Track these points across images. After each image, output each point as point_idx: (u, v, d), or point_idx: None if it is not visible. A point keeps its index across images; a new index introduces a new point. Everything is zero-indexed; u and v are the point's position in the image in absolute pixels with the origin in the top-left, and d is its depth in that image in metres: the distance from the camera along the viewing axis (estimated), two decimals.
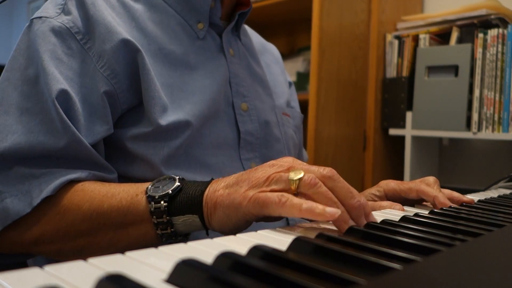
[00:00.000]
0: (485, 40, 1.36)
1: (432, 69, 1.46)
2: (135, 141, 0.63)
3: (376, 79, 1.57)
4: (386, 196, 0.70)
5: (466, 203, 0.64)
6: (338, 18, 1.55)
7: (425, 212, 0.56)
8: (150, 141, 0.63)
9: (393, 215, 0.54)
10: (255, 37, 0.94)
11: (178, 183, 0.52)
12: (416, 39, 1.52)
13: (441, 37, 1.52)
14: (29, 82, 0.60)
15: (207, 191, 0.50)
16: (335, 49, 1.55)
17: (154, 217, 0.51)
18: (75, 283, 0.27)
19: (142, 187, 0.54)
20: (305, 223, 0.50)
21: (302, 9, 1.67)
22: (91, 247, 0.56)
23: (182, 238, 0.53)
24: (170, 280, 0.28)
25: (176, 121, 0.64)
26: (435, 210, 0.56)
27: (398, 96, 1.54)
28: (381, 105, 1.59)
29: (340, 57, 1.56)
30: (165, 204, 0.51)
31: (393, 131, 1.55)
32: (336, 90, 1.55)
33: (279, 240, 0.40)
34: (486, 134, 1.35)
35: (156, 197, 0.51)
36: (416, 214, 0.52)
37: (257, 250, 0.33)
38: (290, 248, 0.36)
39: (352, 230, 0.43)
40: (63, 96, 0.59)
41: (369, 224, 0.46)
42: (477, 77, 1.37)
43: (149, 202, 0.52)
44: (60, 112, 0.58)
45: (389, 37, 1.58)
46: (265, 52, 0.95)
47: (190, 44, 0.72)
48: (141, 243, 0.55)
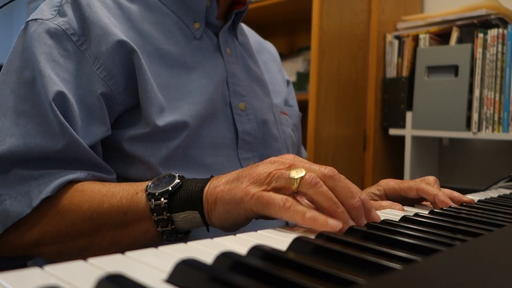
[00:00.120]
0: (485, 40, 1.36)
1: (432, 69, 1.46)
2: (132, 142, 0.63)
3: (376, 79, 1.57)
4: (386, 195, 0.69)
5: (466, 203, 0.64)
6: (338, 18, 1.55)
7: (425, 212, 0.56)
8: (148, 142, 0.63)
9: (393, 215, 0.54)
10: (252, 36, 0.94)
11: (178, 180, 0.52)
12: (416, 39, 1.52)
13: (441, 37, 1.52)
14: (26, 84, 0.60)
15: (207, 187, 0.50)
16: (335, 49, 1.55)
17: (155, 214, 0.51)
18: (75, 283, 0.27)
19: (142, 185, 0.54)
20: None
21: (302, 9, 1.67)
22: (92, 247, 0.56)
23: (183, 235, 0.53)
24: (170, 280, 0.28)
25: (174, 121, 0.64)
26: (435, 210, 0.56)
27: (398, 96, 1.54)
28: (381, 105, 1.59)
29: (340, 57, 1.56)
30: (165, 201, 0.51)
31: (393, 131, 1.55)
32: (336, 90, 1.56)
33: (279, 240, 0.40)
34: (486, 134, 1.35)
35: (156, 194, 0.51)
36: (416, 214, 0.52)
37: (257, 250, 0.33)
38: (290, 248, 0.36)
39: (352, 230, 0.43)
40: (60, 98, 0.59)
41: (369, 224, 0.46)
42: (477, 77, 1.37)
43: (149, 200, 0.52)
44: (58, 114, 0.57)
45: (389, 37, 1.58)
46: (263, 50, 0.95)
47: (186, 44, 0.72)
48: (142, 242, 0.54)
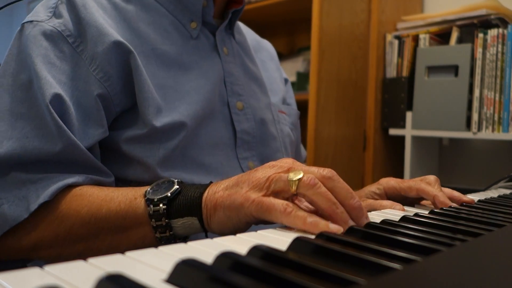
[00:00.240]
0: (485, 40, 1.36)
1: (432, 69, 1.46)
2: (130, 143, 0.63)
3: (376, 79, 1.57)
4: (386, 194, 0.69)
5: (466, 203, 0.64)
6: (338, 18, 1.55)
7: (425, 212, 0.56)
8: (146, 143, 0.63)
9: (393, 215, 0.54)
10: (250, 34, 0.93)
11: (177, 186, 0.52)
12: (416, 39, 1.52)
13: (441, 37, 1.52)
14: (22, 87, 0.60)
15: (206, 193, 0.50)
16: (335, 49, 1.55)
17: (153, 220, 0.51)
18: (75, 283, 0.27)
19: (141, 190, 0.54)
20: None
21: (302, 9, 1.67)
22: (90, 252, 0.55)
23: (181, 241, 0.53)
24: (170, 280, 0.28)
25: (171, 122, 0.64)
26: (435, 210, 0.56)
27: (398, 96, 1.54)
28: (381, 105, 1.59)
29: (340, 57, 1.56)
30: (164, 207, 0.50)
31: (393, 131, 1.55)
32: (336, 90, 1.55)
33: (279, 240, 0.40)
34: (486, 134, 1.35)
35: (155, 200, 0.51)
36: (416, 214, 0.52)
37: (257, 250, 0.33)
38: (290, 248, 0.36)
39: (352, 230, 0.43)
40: (57, 100, 0.58)
41: (369, 224, 0.46)
42: (477, 77, 1.37)
43: (148, 205, 0.51)
44: (55, 117, 0.57)
45: (389, 37, 1.58)
46: (260, 49, 0.95)
47: (183, 43, 0.71)
48: (140, 247, 0.54)
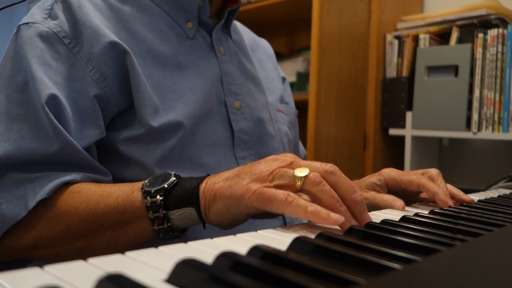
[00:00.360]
0: (485, 40, 1.36)
1: (432, 69, 1.46)
2: (127, 143, 0.63)
3: (376, 79, 1.57)
4: (387, 186, 0.70)
5: (466, 203, 0.64)
6: (338, 18, 1.55)
7: (425, 212, 0.56)
8: (143, 143, 0.63)
9: (393, 215, 0.54)
10: (247, 34, 0.93)
11: (174, 178, 0.52)
12: (416, 39, 1.52)
13: (441, 37, 1.52)
14: (19, 89, 0.60)
15: (204, 184, 0.50)
16: (335, 49, 1.55)
17: (151, 212, 0.51)
18: (75, 283, 0.27)
19: (138, 184, 0.54)
20: (304, 223, 0.50)
21: (302, 9, 1.67)
22: (89, 249, 0.56)
23: (179, 233, 0.53)
24: (170, 280, 0.28)
25: (168, 122, 0.64)
26: (435, 210, 0.56)
27: (398, 96, 1.54)
28: (381, 105, 1.59)
29: (340, 57, 1.56)
30: (161, 198, 0.51)
31: (393, 131, 1.55)
32: (336, 90, 1.55)
33: (279, 240, 0.40)
34: (486, 134, 1.35)
35: (152, 192, 0.51)
36: (416, 214, 0.52)
37: (257, 250, 0.33)
38: (290, 248, 0.36)
39: (352, 230, 0.43)
40: (53, 101, 0.59)
41: (369, 224, 0.46)
42: (477, 77, 1.37)
43: (145, 197, 0.52)
44: (51, 118, 0.57)
45: (389, 37, 1.58)
46: (258, 48, 0.95)
47: (179, 44, 0.71)
48: (139, 241, 0.54)
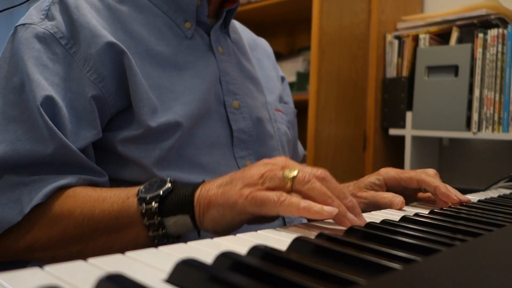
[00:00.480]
0: (485, 40, 1.36)
1: (432, 69, 1.46)
2: (125, 144, 0.63)
3: (376, 79, 1.57)
4: (386, 185, 0.69)
5: (464, 202, 0.64)
6: (338, 18, 1.55)
7: (425, 212, 0.56)
8: (141, 144, 0.63)
9: (393, 215, 0.54)
10: (246, 33, 0.93)
11: (169, 185, 0.52)
12: (416, 39, 1.52)
13: (441, 37, 1.52)
14: (15, 90, 0.60)
15: (198, 191, 0.50)
16: (335, 49, 1.55)
17: (146, 218, 0.51)
18: (75, 283, 0.27)
19: (133, 190, 0.54)
20: (304, 223, 0.50)
21: (302, 9, 1.67)
22: (84, 254, 0.55)
23: (174, 240, 0.53)
24: (170, 280, 0.28)
25: (166, 122, 0.63)
26: (435, 210, 0.56)
27: (398, 96, 1.54)
28: (381, 105, 1.59)
29: (340, 57, 1.56)
30: (156, 205, 0.51)
31: (393, 131, 1.55)
32: (336, 90, 1.55)
33: (279, 240, 0.40)
34: (486, 134, 1.35)
35: (147, 198, 0.51)
36: (416, 214, 0.52)
37: (257, 250, 0.33)
38: (290, 248, 0.36)
39: (352, 230, 0.43)
40: (48, 103, 0.58)
41: (369, 224, 0.46)
42: (477, 77, 1.37)
43: (140, 204, 0.52)
44: (46, 119, 0.57)
45: (389, 37, 1.58)
46: (257, 47, 0.94)
47: (178, 44, 0.71)
48: (134, 248, 0.54)
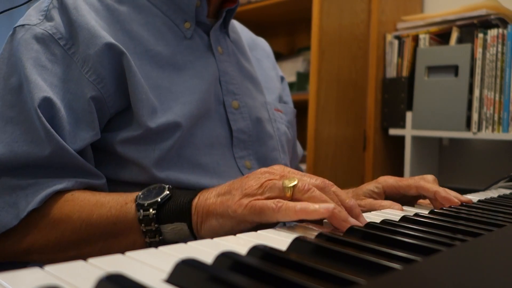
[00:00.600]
0: (485, 40, 1.36)
1: (432, 69, 1.46)
2: (125, 144, 0.63)
3: (376, 79, 1.57)
4: (385, 193, 0.69)
5: (465, 203, 0.64)
6: (338, 18, 1.55)
7: (425, 212, 0.56)
8: (141, 144, 0.63)
9: (393, 215, 0.54)
10: (245, 33, 0.93)
11: (167, 192, 0.52)
12: (416, 39, 1.52)
13: (441, 37, 1.52)
14: (13, 91, 0.60)
15: (196, 199, 0.50)
16: (335, 49, 1.55)
17: (143, 225, 0.51)
18: (75, 283, 0.27)
19: (132, 196, 0.54)
20: (304, 223, 0.50)
21: (302, 9, 1.67)
22: (81, 258, 0.56)
23: None
24: (170, 280, 0.28)
25: (166, 122, 0.63)
26: (435, 210, 0.56)
27: (398, 96, 1.54)
28: (381, 105, 1.59)
29: (340, 57, 1.56)
30: (154, 212, 0.51)
31: (393, 131, 1.55)
32: (336, 90, 1.55)
33: (279, 240, 0.40)
34: (486, 134, 1.35)
35: (145, 205, 0.51)
36: (416, 214, 0.52)
37: (257, 250, 0.33)
38: (290, 248, 0.36)
39: (352, 230, 0.43)
40: (46, 104, 0.58)
41: (369, 224, 0.46)
42: (477, 77, 1.37)
43: (138, 210, 0.52)
44: (43, 121, 0.57)
45: (389, 37, 1.58)
46: (256, 47, 0.94)
47: (177, 44, 0.71)
48: None
